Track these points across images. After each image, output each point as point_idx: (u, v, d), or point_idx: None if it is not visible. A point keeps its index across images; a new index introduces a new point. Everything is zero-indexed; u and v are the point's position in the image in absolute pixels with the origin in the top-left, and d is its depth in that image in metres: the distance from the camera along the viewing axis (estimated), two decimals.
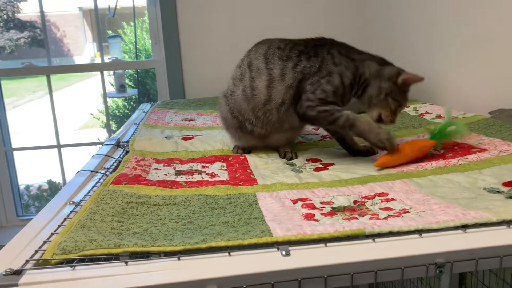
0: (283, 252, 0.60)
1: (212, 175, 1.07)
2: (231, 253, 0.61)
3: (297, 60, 1.15)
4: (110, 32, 3.74)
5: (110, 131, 2.82)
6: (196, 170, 1.11)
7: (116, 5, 2.84)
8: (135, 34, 2.89)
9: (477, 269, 0.59)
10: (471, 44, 1.52)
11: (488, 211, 0.71)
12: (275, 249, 0.61)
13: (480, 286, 1.31)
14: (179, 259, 0.60)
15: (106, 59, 2.53)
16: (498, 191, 0.84)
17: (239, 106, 1.20)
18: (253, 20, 2.27)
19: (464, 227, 0.66)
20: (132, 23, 3.12)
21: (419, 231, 0.65)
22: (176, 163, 1.17)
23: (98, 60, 2.69)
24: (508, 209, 0.71)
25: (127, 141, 1.36)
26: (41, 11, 2.35)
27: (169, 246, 0.63)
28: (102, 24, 3.73)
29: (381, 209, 0.80)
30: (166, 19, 2.19)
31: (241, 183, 0.99)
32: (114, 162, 1.17)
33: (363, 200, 0.86)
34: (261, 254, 0.61)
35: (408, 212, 0.76)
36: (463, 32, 1.55)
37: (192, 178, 1.05)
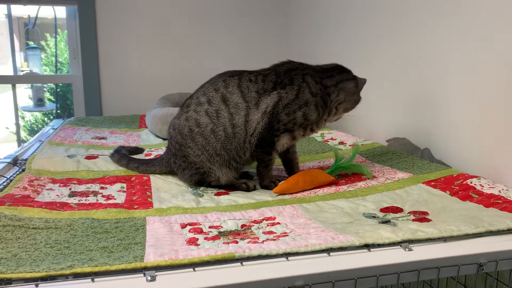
0: (149, 278, 0.60)
1: (108, 197, 1.05)
2: (96, 279, 0.60)
3: (273, 90, 1.13)
4: (31, 43, 3.56)
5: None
6: (92, 192, 1.08)
7: (36, 16, 2.73)
8: (56, 46, 2.78)
9: None
10: (374, 81, 1.65)
11: (356, 235, 0.76)
12: (142, 275, 0.61)
13: None
14: (37, 286, 0.58)
15: (20, 72, 2.40)
16: (374, 216, 0.91)
17: (224, 145, 1.13)
18: (174, 40, 2.29)
19: (329, 250, 0.71)
20: (56, 36, 3.01)
21: (287, 254, 0.69)
22: (74, 184, 1.13)
23: (27, 71, 2.55)
24: (374, 234, 0.77)
25: (26, 159, 1.30)
26: None
27: (30, 272, 0.61)
28: (22, 34, 3.55)
29: (264, 232, 0.83)
30: (84, 34, 2.14)
31: (135, 207, 0.98)
32: (4, 182, 1.11)
33: (251, 224, 0.88)
34: (126, 280, 0.60)
35: (286, 235, 0.80)
36: (369, 71, 1.68)
37: (86, 200, 1.02)
